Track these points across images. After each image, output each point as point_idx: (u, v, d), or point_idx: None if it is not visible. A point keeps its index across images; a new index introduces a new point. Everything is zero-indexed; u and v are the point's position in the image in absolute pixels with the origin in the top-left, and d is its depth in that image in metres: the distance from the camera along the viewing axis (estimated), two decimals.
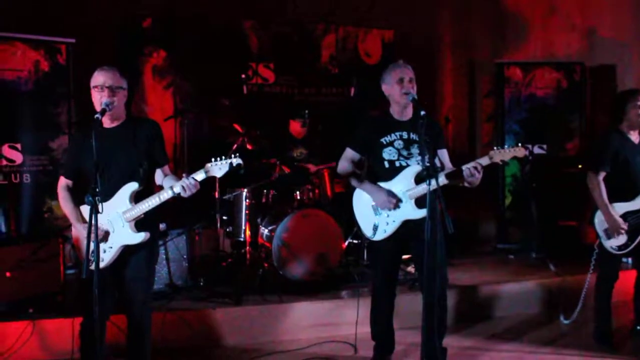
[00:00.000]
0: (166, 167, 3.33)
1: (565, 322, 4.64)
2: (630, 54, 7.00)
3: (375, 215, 3.60)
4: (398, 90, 3.52)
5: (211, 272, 5.19)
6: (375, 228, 3.59)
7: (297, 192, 5.23)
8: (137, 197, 3.16)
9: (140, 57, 6.59)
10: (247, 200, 5.26)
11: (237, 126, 5.50)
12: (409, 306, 4.46)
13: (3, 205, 5.11)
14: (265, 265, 4.97)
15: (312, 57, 7.10)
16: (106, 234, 3.14)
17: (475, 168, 3.30)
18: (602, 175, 4.02)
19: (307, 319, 4.49)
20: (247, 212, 5.24)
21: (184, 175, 3.08)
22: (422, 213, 3.38)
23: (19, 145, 5.35)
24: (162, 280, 4.75)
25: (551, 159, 6.54)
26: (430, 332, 3.30)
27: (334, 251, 4.93)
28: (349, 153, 3.72)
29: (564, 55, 7.43)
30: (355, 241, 5.49)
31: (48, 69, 5.51)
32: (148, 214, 3.16)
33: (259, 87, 6.84)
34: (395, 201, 3.48)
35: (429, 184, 3.04)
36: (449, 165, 3.63)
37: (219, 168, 3.08)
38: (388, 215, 3.54)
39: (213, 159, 3.08)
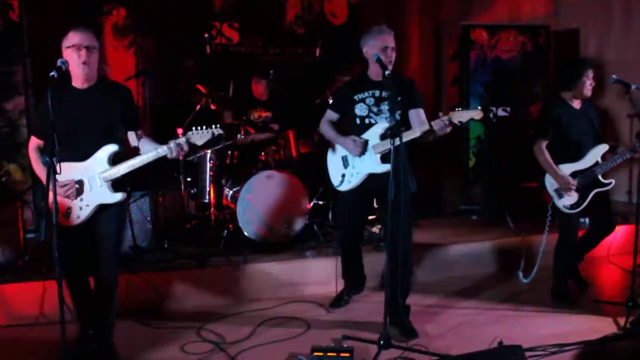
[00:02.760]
0: (139, 130, 3.36)
1: (525, 280, 4.77)
2: (594, 19, 7.05)
3: (344, 167, 3.87)
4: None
5: (175, 234, 5.16)
6: (342, 177, 3.86)
7: (262, 153, 5.19)
8: (114, 159, 3.20)
9: (100, 15, 6.37)
10: (211, 162, 5.21)
11: (200, 87, 5.41)
12: (374, 267, 4.52)
13: None
14: (230, 226, 4.95)
15: (277, 17, 6.98)
16: (80, 186, 3.16)
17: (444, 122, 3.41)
18: (544, 143, 4.17)
19: (271, 280, 4.51)
20: (211, 173, 5.19)
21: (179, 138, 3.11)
22: (384, 167, 3.61)
23: None
24: (125, 243, 4.69)
25: (514, 122, 6.62)
26: (394, 290, 3.44)
27: (298, 212, 4.93)
28: (329, 114, 3.97)
29: (530, 19, 7.46)
30: (320, 202, 5.50)
31: None
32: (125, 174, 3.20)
33: (223, 47, 6.71)
34: (362, 143, 3.68)
35: (392, 144, 3.16)
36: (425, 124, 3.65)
37: (199, 136, 3.11)
38: (354, 167, 3.79)
39: (194, 128, 3.11)
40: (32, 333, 3.80)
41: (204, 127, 3.10)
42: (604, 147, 4.16)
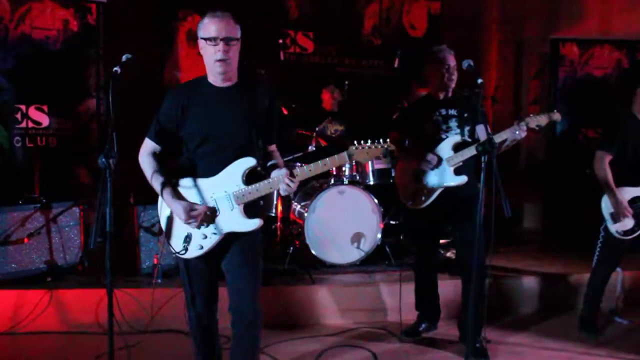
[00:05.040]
0: (273, 145, 2.78)
1: (624, 322, 4.32)
2: None
3: (416, 184, 3.71)
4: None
5: None
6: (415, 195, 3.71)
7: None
8: (249, 177, 2.58)
9: (174, 21, 6.33)
10: None
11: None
12: (449, 295, 4.14)
13: (29, 169, 4.97)
14: (296, 243, 4.68)
15: (354, 27, 6.75)
16: (212, 214, 2.58)
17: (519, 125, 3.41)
18: (608, 157, 3.85)
19: (338, 302, 4.21)
20: None
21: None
22: (458, 180, 3.53)
23: (45, 107, 5.12)
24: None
25: None
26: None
27: (370, 231, 4.62)
28: (394, 136, 3.81)
29: (623, 34, 6.92)
30: (392, 222, 5.15)
31: (77, 29, 5.26)
32: (263, 197, 2.62)
33: (297, 56, 6.52)
34: (437, 159, 3.56)
35: (485, 160, 2.93)
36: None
37: (366, 153, 2.53)
38: (427, 183, 3.63)
39: (356, 142, 2.54)
40: (87, 342, 3.65)
41: (369, 142, 2.51)
42: None
